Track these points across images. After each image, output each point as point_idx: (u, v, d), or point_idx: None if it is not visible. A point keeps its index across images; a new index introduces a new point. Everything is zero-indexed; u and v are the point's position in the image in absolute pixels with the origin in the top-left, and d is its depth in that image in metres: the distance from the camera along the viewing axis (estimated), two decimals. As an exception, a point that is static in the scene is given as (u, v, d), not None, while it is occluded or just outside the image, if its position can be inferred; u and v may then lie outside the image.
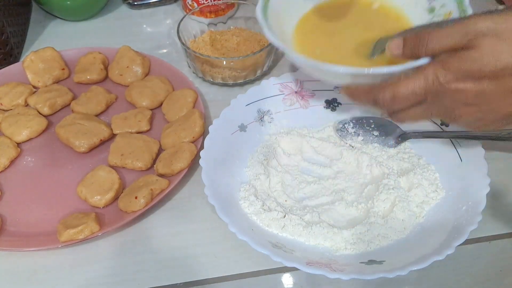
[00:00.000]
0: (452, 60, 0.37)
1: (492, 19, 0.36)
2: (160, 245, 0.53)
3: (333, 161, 0.58)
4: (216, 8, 0.75)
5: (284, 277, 0.51)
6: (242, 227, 0.48)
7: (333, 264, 0.47)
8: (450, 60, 0.38)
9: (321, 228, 0.50)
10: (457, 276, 0.50)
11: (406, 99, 0.40)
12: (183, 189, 0.58)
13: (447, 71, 0.38)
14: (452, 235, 0.47)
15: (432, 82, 0.38)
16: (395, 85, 0.40)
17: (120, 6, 0.87)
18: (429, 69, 0.39)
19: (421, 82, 0.39)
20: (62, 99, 0.67)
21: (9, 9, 0.76)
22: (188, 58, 0.70)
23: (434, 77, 0.38)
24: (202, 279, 0.50)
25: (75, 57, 0.73)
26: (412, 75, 0.39)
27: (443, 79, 0.38)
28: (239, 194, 0.54)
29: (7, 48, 0.74)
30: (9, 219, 0.55)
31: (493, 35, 0.36)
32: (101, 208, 0.55)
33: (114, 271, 0.51)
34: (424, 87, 0.39)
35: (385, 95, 0.41)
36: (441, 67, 0.38)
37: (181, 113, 0.64)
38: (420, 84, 0.39)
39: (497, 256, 0.52)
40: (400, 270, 0.44)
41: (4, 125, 0.63)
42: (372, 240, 0.50)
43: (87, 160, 0.61)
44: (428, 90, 0.39)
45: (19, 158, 0.62)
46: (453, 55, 0.38)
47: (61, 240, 0.51)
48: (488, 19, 0.36)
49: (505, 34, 0.35)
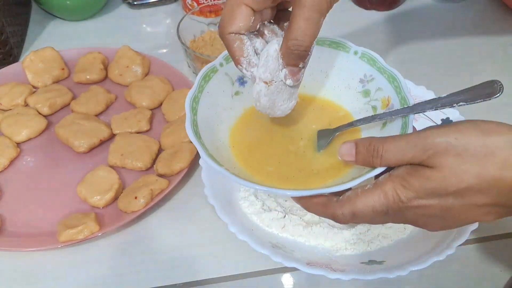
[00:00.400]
0: (412, 179, 0.36)
1: (449, 134, 0.35)
2: (160, 245, 0.53)
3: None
4: (216, 7, 0.75)
5: (284, 277, 0.51)
6: (242, 227, 0.48)
7: (333, 264, 0.47)
8: (411, 178, 0.36)
9: (321, 228, 0.50)
10: (457, 276, 0.50)
11: (366, 216, 0.38)
12: (183, 189, 0.58)
13: (407, 190, 0.36)
14: (452, 235, 0.47)
15: (393, 199, 0.37)
16: (354, 202, 0.38)
17: (120, 6, 0.87)
18: (388, 185, 0.37)
19: (381, 199, 0.37)
20: (62, 99, 0.67)
21: (9, 9, 0.76)
22: (188, 58, 0.70)
23: (395, 194, 0.37)
24: (202, 279, 0.50)
25: (74, 57, 0.73)
26: (371, 190, 0.38)
27: (404, 197, 0.36)
28: (239, 194, 0.53)
29: (7, 48, 0.74)
30: (9, 219, 0.55)
31: (454, 154, 0.35)
32: (100, 208, 0.55)
33: (114, 271, 0.51)
34: (386, 204, 0.37)
35: (344, 212, 0.39)
36: (401, 185, 0.36)
37: (181, 113, 0.64)
38: (381, 201, 0.37)
39: (497, 256, 0.52)
40: (400, 270, 0.44)
41: (3, 125, 0.63)
42: (372, 240, 0.50)
43: (87, 160, 0.61)
44: (389, 207, 0.37)
45: (19, 158, 0.62)
46: (412, 173, 0.36)
47: (60, 240, 0.51)
48: (445, 134, 0.35)
49: (465, 153, 0.34)
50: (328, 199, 0.40)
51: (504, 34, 0.80)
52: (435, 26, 0.82)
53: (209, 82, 0.47)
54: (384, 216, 0.39)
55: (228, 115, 0.48)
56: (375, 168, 0.39)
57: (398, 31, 0.81)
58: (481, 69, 0.74)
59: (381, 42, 0.77)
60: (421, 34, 0.80)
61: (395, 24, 0.82)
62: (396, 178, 0.37)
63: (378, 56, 0.48)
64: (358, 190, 0.38)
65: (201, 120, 0.44)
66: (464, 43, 0.78)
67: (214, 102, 0.47)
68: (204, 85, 0.46)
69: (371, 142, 0.38)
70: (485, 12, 0.84)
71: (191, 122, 0.43)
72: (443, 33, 0.80)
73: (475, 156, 0.34)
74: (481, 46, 0.78)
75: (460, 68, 0.74)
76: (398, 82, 0.46)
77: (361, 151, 0.39)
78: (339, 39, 0.50)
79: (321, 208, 0.41)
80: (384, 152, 0.38)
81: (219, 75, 0.48)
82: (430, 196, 0.36)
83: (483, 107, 0.67)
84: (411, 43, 0.78)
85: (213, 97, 0.47)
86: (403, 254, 0.48)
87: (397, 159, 0.37)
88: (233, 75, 0.49)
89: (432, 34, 0.80)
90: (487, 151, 0.34)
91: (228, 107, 0.49)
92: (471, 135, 0.35)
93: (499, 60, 0.75)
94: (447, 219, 0.37)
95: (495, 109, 0.67)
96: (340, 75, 0.50)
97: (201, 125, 0.44)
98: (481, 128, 0.35)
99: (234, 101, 0.49)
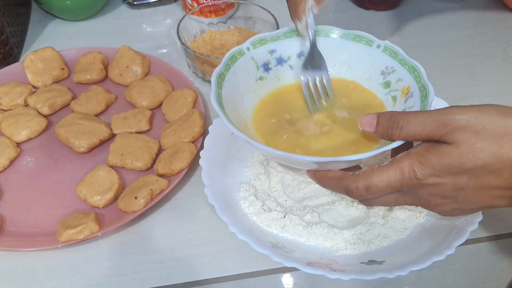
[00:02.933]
0: (429, 155, 0.36)
1: (470, 112, 0.36)
2: (160, 245, 0.53)
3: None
4: (216, 8, 0.75)
5: (284, 277, 0.51)
6: (242, 227, 0.48)
7: (333, 264, 0.47)
8: (428, 155, 0.37)
9: (321, 228, 0.50)
10: (457, 276, 0.50)
11: (380, 190, 0.38)
12: (183, 189, 0.58)
13: (424, 166, 0.37)
14: (452, 235, 0.47)
15: (409, 176, 0.37)
16: (369, 176, 0.38)
17: (120, 6, 0.87)
18: (405, 161, 0.37)
19: (396, 175, 0.38)
20: (62, 99, 0.67)
21: (9, 9, 0.76)
22: (188, 58, 0.70)
23: (411, 170, 0.37)
24: (202, 279, 0.50)
25: (74, 57, 0.73)
26: (387, 166, 0.38)
27: (420, 174, 0.37)
28: (239, 194, 0.53)
29: (7, 48, 0.74)
30: (9, 219, 0.55)
31: (473, 132, 0.35)
32: (101, 208, 0.55)
33: (114, 271, 0.51)
34: (400, 180, 0.37)
35: (358, 186, 0.39)
36: (418, 162, 0.37)
37: (181, 113, 0.64)
38: (396, 176, 0.38)
39: (497, 256, 0.52)
40: (400, 270, 0.44)
41: (3, 125, 0.63)
42: (372, 240, 0.50)
43: (87, 160, 0.61)
44: (404, 183, 0.38)
45: (19, 158, 0.62)
46: (430, 149, 0.37)
47: (61, 240, 0.51)
48: (466, 112, 0.36)
49: (483, 131, 0.35)
50: (344, 173, 0.41)
51: (504, 34, 0.80)
52: (435, 26, 0.82)
53: (235, 63, 0.49)
54: (397, 194, 0.39)
55: (250, 97, 0.50)
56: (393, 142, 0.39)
57: (398, 31, 0.81)
58: (481, 69, 0.74)
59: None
60: (421, 34, 0.80)
61: (395, 24, 0.82)
62: (414, 155, 0.37)
63: (400, 49, 0.50)
64: (375, 166, 0.39)
65: (225, 95, 0.46)
66: (463, 43, 0.78)
67: (239, 83, 0.49)
68: (231, 65, 0.49)
69: (393, 114, 0.39)
70: (485, 12, 0.84)
71: (216, 94, 0.45)
72: (443, 33, 0.80)
73: (493, 136, 0.35)
74: (481, 46, 0.78)
75: (460, 68, 0.74)
76: (419, 72, 0.47)
77: (382, 122, 0.40)
78: (363, 33, 0.52)
79: (335, 181, 0.41)
80: (404, 123, 0.38)
81: (245, 58, 0.50)
82: (445, 174, 0.36)
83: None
84: (411, 43, 0.78)
85: (238, 77, 0.49)
86: (403, 254, 0.48)
87: (417, 132, 0.37)
88: (259, 60, 0.51)
89: (432, 34, 0.80)
90: (505, 131, 0.35)
91: (251, 90, 0.51)
92: (491, 115, 0.36)
93: (499, 60, 0.75)
94: (459, 201, 0.38)
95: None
96: (362, 67, 0.52)
97: (225, 100, 0.46)
98: (501, 110, 0.36)
99: (258, 85, 0.51)
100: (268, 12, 0.71)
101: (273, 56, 0.52)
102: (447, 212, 0.40)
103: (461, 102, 0.60)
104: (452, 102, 0.59)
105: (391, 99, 0.50)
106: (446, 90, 0.66)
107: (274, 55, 0.52)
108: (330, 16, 0.83)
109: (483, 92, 0.70)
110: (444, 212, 0.40)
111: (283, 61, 0.53)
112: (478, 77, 0.72)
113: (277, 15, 0.71)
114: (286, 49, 0.53)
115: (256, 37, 0.51)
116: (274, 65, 0.52)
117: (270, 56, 0.52)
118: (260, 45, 0.51)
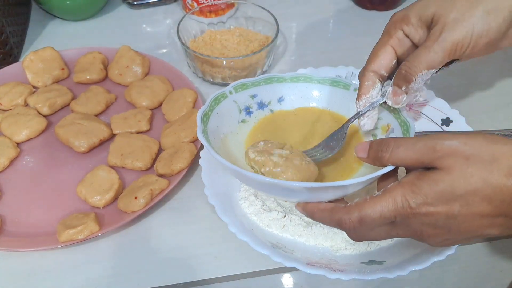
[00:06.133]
0: (422, 183, 0.36)
1: (458, 138, 0.36)
2: (160, 245, 0.53)
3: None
4: (216, 8, 0.75)
5: (284, 277, 0.51)
6: (242, 227, 0.48)
7: (334, 264, 0.47)
8: (420, 183, 0.37)
9: (321, 228, 0.50)
10: (457, 276, 0.50)
11: (374, 221, 0.38)
12: (183, 189, 0.58)
13: (417, 195, 0.36)
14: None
15: (402, 205, 0.37)
16: (362, 207, 0.38)
17: (120, 6, 0.87)
18: (397, 191, 0.37)
19: (389, 205, 0.37)
20: (62, 99, 0.67)
21: (9, 9, 0.76)
22: (188, 58, 0.70)
23: (404, 200, 0.37)
24: (202, 279, 0.50)
25: (74, 57, 0.73)
26: (380, 196, 0.38)
27: (413, 202, 0.37)
28: (239, 194, 0.53)
29: (7, 48, 0.74)
30: (9, 219, 0.55)
31: (463, 157, 0.35)
32: (100, 208, 0.55)
33: (114, 271, 0.51)
34: (394, 210, 0.37)
35: (351, 217, 0.39)
36: (410, 191, 0.37)
37: (181, 113, 0.64)
38: (389, 206, 0.37)
39: (497, 256, 0.52)
40: (400, 270, 0.44)
41: (3, 125, 0.63)
42: (372, 240, 0.49)
43: (86, 160, 0.61)
44: (397, 213, 0.37)
45: (19, 158, 0.62)
46: (421, 177, 0.37)
47: (61, 240, 0.51)
48: (455, 138, 0.36)
49: (473, 157, 0.35)
50: (335, 205, 0.41)
51: (504, 34, 0.80)
52: (435, 26, 0.82)
53: (219, 105, 0.52)
54: (390, 226, 0.39)
55: (234, 139, 0.52)
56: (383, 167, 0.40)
57: (398, 31, 0.81)
58: (481, 69, 0.74)
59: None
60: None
61: (395, 24, 0.82)
62: (406, 184, 0.37)
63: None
64: (367, 197, 0.39)
65: (211, 133, 0.48)
66: (464, 43, 0.78)
67: (223, 123, 0.51)
68: (215, 106, 0.51)
69: (385, 138, 0.40)
70: (485, 12, 0.84)
71: (202, 131, 0.47)
72: (443, 33, 0.80)
73: (482, 161, 0.35)
74: (481, 46, 0.78)
75: (460, 68, 0.74)
76: (397, 110, 0.49)
77: (374, 147, 0.41)
78: (339, 79, 0.55)
79: (327, 214, 0.41)
80: (394, 146, 0.39)
81: (228, 101, 0.52)
82: (438, 201, 0.36)
83: (483, 108, 0.67)
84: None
85: (222, 118, 0.51)
86: (403, 254, 0.48)
87: (407, 156, 0.38)
88: (241, 104, 0.54)
89: (432, 34, 0.80)
90: (493, 157, 0.35)
91: (235, 131, 0.53)
92: (479, 141, 0.36)
93: (499, 60, 0.75)
94: (451, 231, 0.38)
95: (495, 109, 0.67)
96: (343, 110, 0.54)
97: (211, 137, 0.48)
98: (488, 137, 0.36)
99: (240, 127, 0.54)
100: (268, 12, 0.71)
101: (254, 100, 0.54)
102: (439, 243, 0.40)
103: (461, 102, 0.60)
104: (452, 102, 0.59)
105: (371, 137, 0.51)
106: (446, 90, 0.66)
107: (255, 99, 0.54)
108: (330, 16, 0.83)
109: (483, 92, 0.70)
110: (437, 243, 0.40)
111: (264, 106, 0.55)
112: (478, 77, 0.72)
113: (277, 15, 0.71)
114: (267, 94, 0.55)
115: (237, 82, 0.53)
116: (256, 109, 0.55)
117: (252, 101, 0.54)
118: (242, 90, 0.54)
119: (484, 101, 0.68)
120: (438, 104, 0.61)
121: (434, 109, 0.60)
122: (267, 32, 0.73)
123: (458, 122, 0.58)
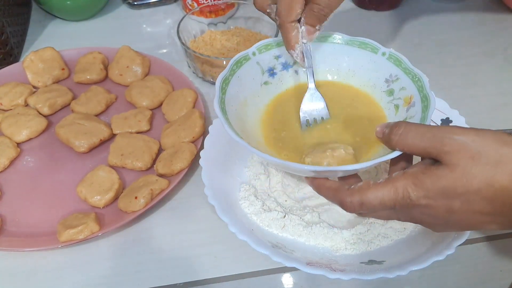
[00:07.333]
0: (425, 178, 0.37)
1: (468, 135, 0.36)
2: (160, 245, 0.53)
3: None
4: (216, 8, 0.75)
5: (284, 277, 0.51)
6: (242, 227, 0.48)
7: (333, 264, 0.47)
8: (423, 177, 0.37)
9: (321, 228, 0.50)
10: (457, 276, 0.50)
11: (373, 207, 0.39)
12: (183, 189, 0.58)
13: (418, 188, 0.37)
14: (452, 235, 0.47)
15: (402, 196, 0.38)
16: (364, 192, 0.39)
17: (120, 6, 0.87)
18: (400, 182, 0.38)
19: (390, 194, 0.38)
20: (62, 99, 0.67)
21: (9, 9, 0.76)
22: (188, 58, 0.70)
23: (405, 191, 0.38)
24: (202, 279, 0.50)
25: (75, 57, 0.73)
26: (382, 184, 0.39)
27: (414, 195, 0.37)
28: (239, 194, 0.53)
29: (7, 48, 0.74)
30: (9, 219, 0.55)
31: (468, 156, 0.35)
32: (101, 208, 0.55)
33: (114, 271, 0.51)
34: (394, 200, 0.38)
35: (353, 200, 0.39)
36: (412, 184, 0.37)
37: (181, 113, 0.64)
38: (390, 196, 0.38)
39: (497, 256, 0.52)
40: (400, 270, 0.44)
41: (4, 125, 0.63)
42: (372, 240, 0.50)
43: (87, 160, 0.61)
44: (397, 203, 0.38)
45: (19, 158, 0.62)
46: (425, 171, 0.37)
47: (61, 240, 0.51)
48: (464, 134, 0.36)
49: (478, 156, 0.35)
50: (340, 185, 0.42)
51: (504, 34, 0.80)
52: (435, 26, 0.82)
53: (240, 68, 0.50)
54: (390, 211, 0.40)
55: (254, 102, 0.50)
56: (392, 152, 0.40)
57: (398, 32, 0.81)
58: (481, 69, 0.74)
59: (381, 42, 0.76)
60: (421, 34, 0.80)
61: (395, 24, 0.82)
62: (410, 176, 0.38)
63: (405, 58, 0.50)
64: (371, 182, 0.40)
65: (228, 101, 0.47)
66: (464, 43, 0.78)
67: (243, 87, 0.50)
68: (236, 70, 0.50)
69: (399, 122, 0.40)
70: (485, 12, 0.84)
71: (219, 100, 0.46)
72: (443, 33, 0.80)
73: (487, 162, 0.35)
74: (481, 46, 0.78)
75: (460, 68, 0.74)
76: (422, 82, 0.48)
77: (389, 128, 0.41)
78: (368, 40, 0.52)
79: (332, 192, 0.42)
80: (404, 131, 0.39)
81: (250, 63, 0.51)
82: (439, 197, 0.37)
83: (483, 108, 0.67)
84: (411, 43, 0.78)
85: (242, 82, 0.50)
86: (403, 254, 0.48)
87: (415, 143, 0.38)
88: (264, 65, 0.52)
89: (432, 34, 0.80)
90: (500, 159, 0.35)
91: (256, 94, 0.51)
92: (488, 140, 0.36)
93: (499, 60, 0.75)
94: (450, 223, 0.38)
95: (495, 109, 0.67)
96: (367, 74, 0.52)
97: (228, 104, 0.47)
98: (500, 137, 0.36)
99: (262, 90, 0.52)
100: (268, 12, 0.71)
101: (279, 61, 0.53)
102: (439, 230, 0.41)
103: (461, 102, 0.60)
104: (452, 102, 0.59)
105: (393, 107, 0.50)
106: (446, 90, 0.66)
107: (279, 60, 0.53)
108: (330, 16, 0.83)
109: (483, 92, 0.70)
110: (436, 230, 0.41)
111: (288, 66, 0.53)
112: (478, 77, 0.72)
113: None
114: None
115: (261, 42, 0.51)
116: (280, 70, 0.53)
117: (276, 61, 0.52)
118: (266, 50, 0.52)
119: (484, 101, 0.68)
120: (438, 104, 0.60)
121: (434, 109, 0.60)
122: (267, 32, 0.73)
123: (458, 122, 0.58)
